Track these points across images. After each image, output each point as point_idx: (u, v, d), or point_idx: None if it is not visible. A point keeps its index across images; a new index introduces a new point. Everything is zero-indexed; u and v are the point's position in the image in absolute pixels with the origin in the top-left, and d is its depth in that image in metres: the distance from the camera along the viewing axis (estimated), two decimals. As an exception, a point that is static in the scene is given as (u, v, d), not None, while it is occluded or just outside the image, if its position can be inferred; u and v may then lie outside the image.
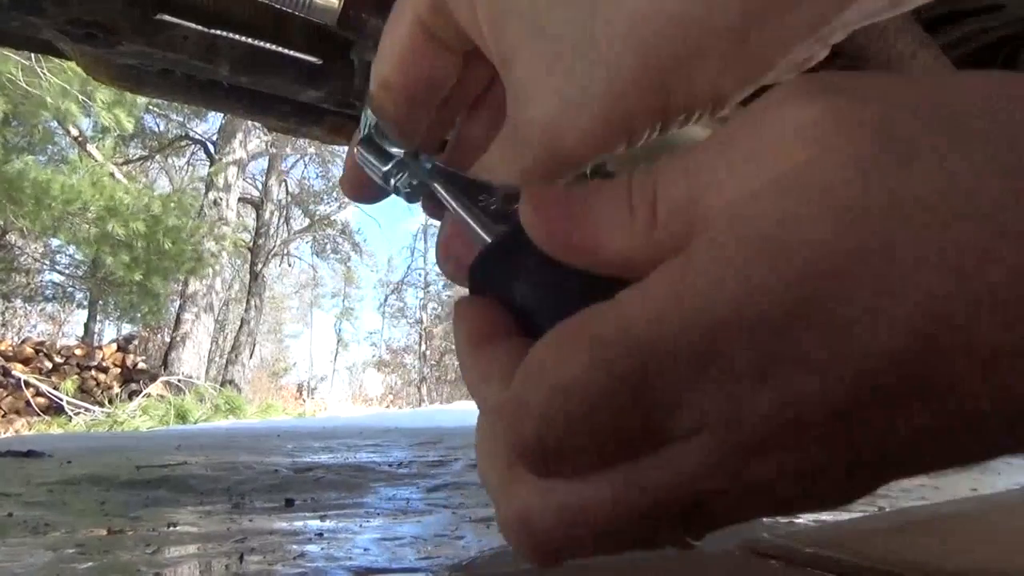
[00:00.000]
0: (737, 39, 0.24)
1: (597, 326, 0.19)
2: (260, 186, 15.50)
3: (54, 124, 9.26)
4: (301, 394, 18.93)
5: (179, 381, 9.30)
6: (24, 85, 7.22)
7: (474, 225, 0.27)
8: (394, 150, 0.30)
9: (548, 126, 0.26)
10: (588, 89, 0.25)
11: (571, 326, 0.20)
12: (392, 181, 0.30)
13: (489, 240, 0.26)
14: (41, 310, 15.22)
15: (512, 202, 0.27)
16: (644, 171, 0.22)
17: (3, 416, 7.50)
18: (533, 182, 0.27)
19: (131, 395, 8.43)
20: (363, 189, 0.32)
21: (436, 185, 0.29)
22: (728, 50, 0.24)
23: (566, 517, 0.21)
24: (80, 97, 7.57)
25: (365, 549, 1.12)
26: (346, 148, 0.35)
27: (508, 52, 0.26)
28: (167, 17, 1.03)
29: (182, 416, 7.67)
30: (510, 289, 0.25)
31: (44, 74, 7.27)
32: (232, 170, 11.93)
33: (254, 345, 13.69)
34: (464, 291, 0.28)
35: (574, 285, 0.23)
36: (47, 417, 7.54)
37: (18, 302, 13.38)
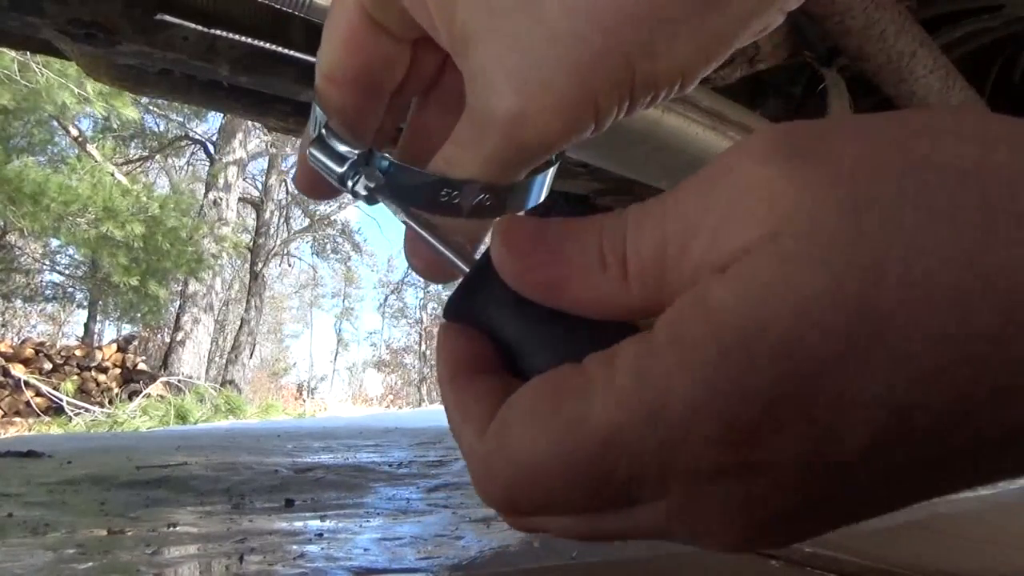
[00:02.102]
0: (702, 14, 0.23)
1: (563, 409, 0.19)
2: (260, 186, 15.50)
3: (54, 124, 9.26)
4: (301, 394, 18.93)
5: (179, 381, 9.29)
6: (21, 80, 7.22)
7: (428, 237, 0.26)
8: (346, 149, 0.28)
9: (511, 115, 0.24)
10: (550, 72, 0.23)
11: (539, 402, 0.20)
12: (349, 183, 0.28)
13: (442, 248, 0.26)
14: (41, 310, 15.23)
15: (473, 195, 0.26)
16: (615, 219, 0.21)
17: (3, 416, 7.49)
18: (495, 175, 0.26)
19: (131, 395, 8.42)
20: (318, 186, 0.30)
21: (385, 201, 0.27)
22: (693, 26, 0.23)
23: (535, 524, 0.22)
24: (76, 91, 7.56)
25: (365, 549, 1.12)
26: None
27: (461, 36, 0.25)
28: (167, 17, 1.03)
29: (182, 416, 7.67)
30: (487, 324, 0.24)
31: (40, 69, 7.28)
32: (232, 170, 11.93)
33: (254, 345, 13.68)
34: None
35: (553, 324, 0.22)
36: (47, 417, 7.53)
37: (18, 302, 13.38)
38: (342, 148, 0.28)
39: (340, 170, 0.28)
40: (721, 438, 0.17)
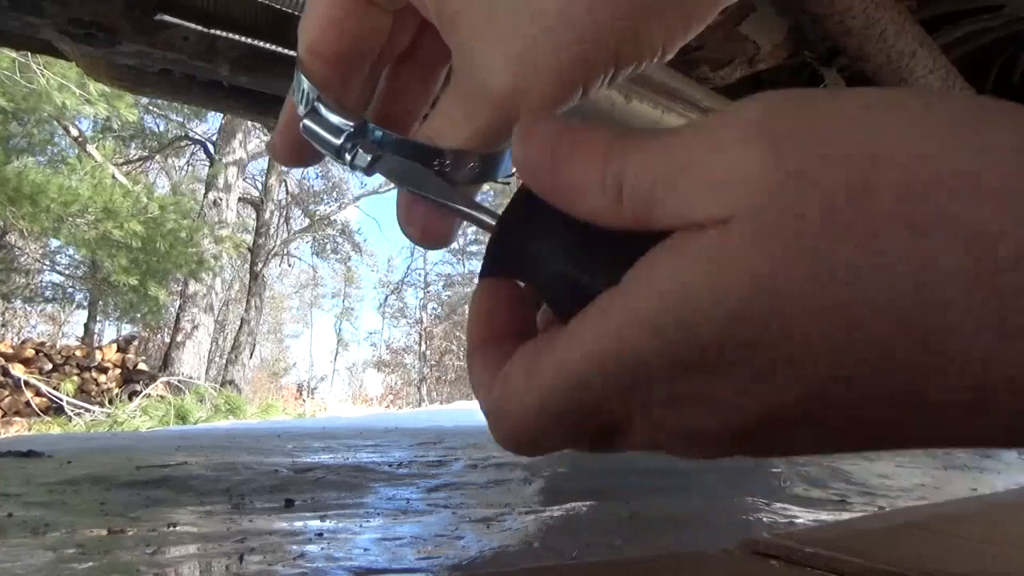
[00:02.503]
0: None
1: (540, 363, 0.23)
2: (260, 186, 15.50)
3: (54, 124, 9.26)
4: (301, 394, 18.93)
5: (179, 381, 9.29)
6: (22, 82, 7.22)
7: (435, 199, 0.27)
8: (340, 121, 0.28)
9: (504, 92, 0.25)
10: (542, 51, 0.24)
11: (526, 358, 0.24)
12: (347, 156, 0.28)
13: (454, 206, 0.27)
14: (41, 311, 15.23)
15: (464, 163, 0.27)
16: (618, 148, 0.22)
17: (3, 416, 7.49)
18: (482, 145, 0.27)
19: (131, 395, 8.42)
20: (297, 153, 0.31)
21: (384, 173, 0.28)
22: (677, 3, 0.25)
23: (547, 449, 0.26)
24: (78, 92, 7.56)
25: (365, 549, 1.12)
26: None
27: (450, 12, 0.26)
28: (167, 17, 1.03)
29: (182, 416, 7.67)
30: (531, 260, 0.25)
31: (40, 70, 7.28)
32: (232, 170, 11.93)
33: (254, 345, 13.68)
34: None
35: (593, 251, 0.24)
36: (47, 417, 7.53)
37: (18, 303, 13.39)
38: (336, 120, 0.28)
39: (337, 143, 0.28)
40: (664, 377, 0.21)
